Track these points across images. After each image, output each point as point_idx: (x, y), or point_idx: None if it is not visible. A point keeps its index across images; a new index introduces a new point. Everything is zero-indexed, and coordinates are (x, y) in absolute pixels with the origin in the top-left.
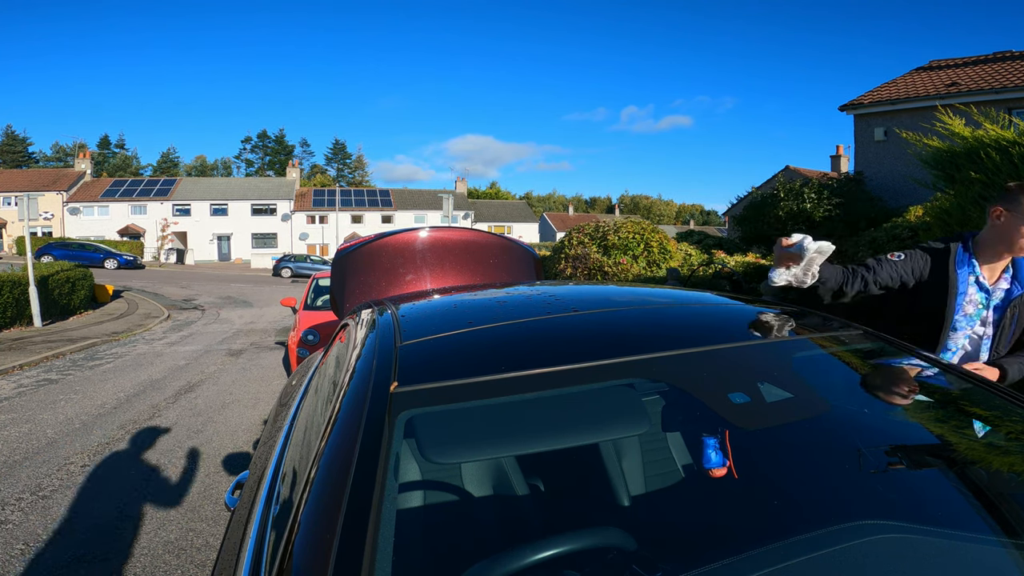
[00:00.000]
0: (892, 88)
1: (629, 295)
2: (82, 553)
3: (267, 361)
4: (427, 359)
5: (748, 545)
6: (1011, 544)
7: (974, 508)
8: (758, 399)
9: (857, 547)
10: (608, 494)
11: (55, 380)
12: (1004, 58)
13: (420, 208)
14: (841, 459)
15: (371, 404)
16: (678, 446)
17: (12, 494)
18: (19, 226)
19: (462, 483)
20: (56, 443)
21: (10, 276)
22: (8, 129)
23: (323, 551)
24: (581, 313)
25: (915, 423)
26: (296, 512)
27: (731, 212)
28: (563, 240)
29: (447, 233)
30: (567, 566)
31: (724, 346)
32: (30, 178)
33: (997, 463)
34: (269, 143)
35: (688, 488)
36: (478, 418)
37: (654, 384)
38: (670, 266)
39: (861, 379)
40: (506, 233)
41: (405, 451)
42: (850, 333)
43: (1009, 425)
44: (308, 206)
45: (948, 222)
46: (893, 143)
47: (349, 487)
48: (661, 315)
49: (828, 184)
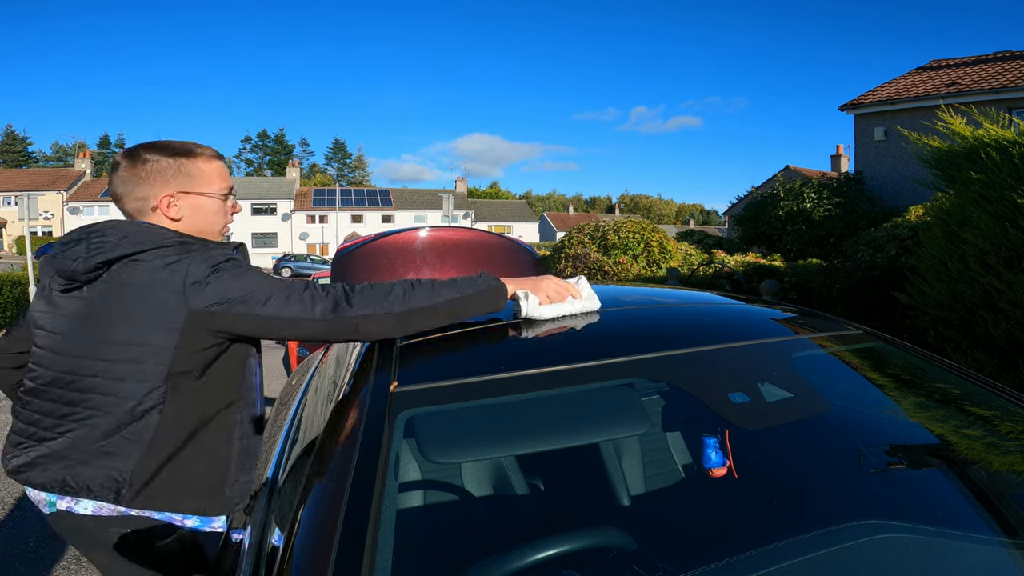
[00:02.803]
0: (892, 88)
1: (629, 295)
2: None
3: (267, 360)
4: (427, 359)
5: (748, 545)
6: (1011, 544)
7: (974, 508)
8: (758, 399)
9: (857, 547)
10: (608, 494)
11: None
12: (1004, 58)
13: (420, 208)
14: (841, 459)
15: (371, 404)
16: (678, 446)
17: (12, 494)
18: (19, 226)
19: (462, 483)
20: None
21: (10, 276)
22: (8, 129)
23: (323, 551)
24: (581, 313)
25: (915, 423)
26: (296, 512)
27: (731, 212)
28: (563, 240)
29: (447, 233)
30: (567, 566)
31: (724, 346)
32: (30, 178)
33: (997, 463)
34: (269, 143)
35: (688, 488)
36: (478, 418)
37: (654, 384)
38: (670, 266)
39: (861, 379)
40: (506, 233)
41: (405, 451)
42: (850, 333)
43: (1009, 425)
44: (308, 206)
45: (948, 222)
46: (893, 143)
47: (349, 487)
48: (661, 315)
49: (828, 184)
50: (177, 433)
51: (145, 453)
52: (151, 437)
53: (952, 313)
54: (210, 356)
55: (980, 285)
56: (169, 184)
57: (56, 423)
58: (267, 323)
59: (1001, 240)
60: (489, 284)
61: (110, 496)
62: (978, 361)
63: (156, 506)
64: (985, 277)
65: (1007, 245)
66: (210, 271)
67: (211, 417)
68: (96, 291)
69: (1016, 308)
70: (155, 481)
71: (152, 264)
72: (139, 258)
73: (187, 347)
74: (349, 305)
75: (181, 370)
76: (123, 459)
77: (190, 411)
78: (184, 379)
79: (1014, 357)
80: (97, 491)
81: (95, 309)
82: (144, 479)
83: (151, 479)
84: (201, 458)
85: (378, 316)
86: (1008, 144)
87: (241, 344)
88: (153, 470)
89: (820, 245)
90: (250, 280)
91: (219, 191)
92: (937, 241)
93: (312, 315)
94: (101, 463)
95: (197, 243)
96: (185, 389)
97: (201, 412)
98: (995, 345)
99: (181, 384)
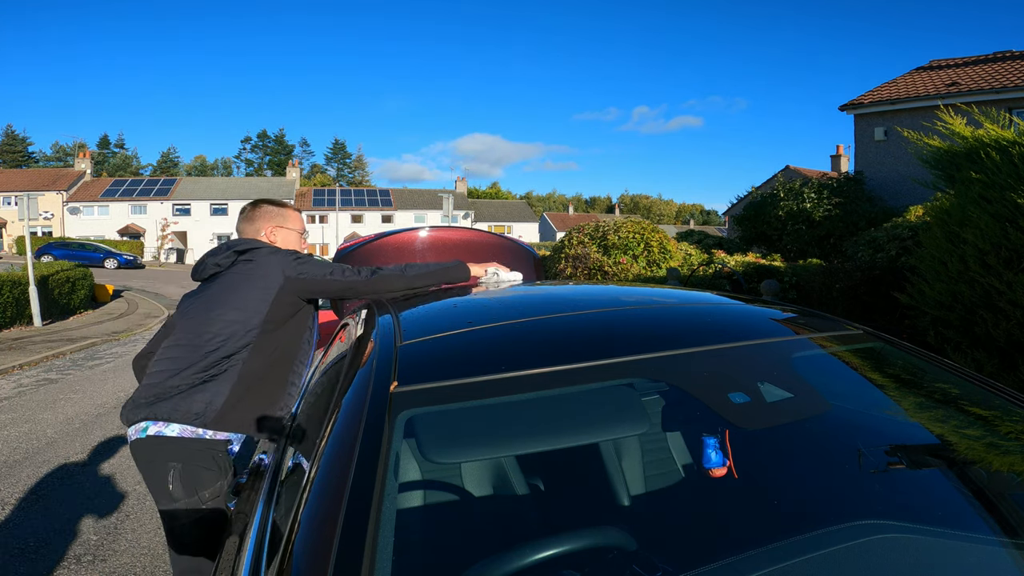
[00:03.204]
0: (892, 88)
1: (629, 295)
2: (82, 553)
3: None
4: (427, 359)
5: (748, 545)
6: (1011, 544)
7: (974, 508)
8: (758, 399)
9: (857, 547)
10: (608, 494)
11: (55, 380)
12: (1004, 58)
13: (420, 208)
14: (841, 459)
15: (371, 404)
16: (678, 446)
17: (12, 494)
18: (19, 226)
19: (462, 483)
20: (56, 443)
21: (10, 276)
22: (8, 129)
23: (323, 551)
24: (581, 313)
25: (915, 423)
26: (296, 512)
27: (731, 212)
28: (563, 240)
29: (447, 232)
30: (567, 566)
31: (724, 346)
32: (30, 178)
33: (997, 463)
34: (269, 143)
35: (688, 488)
36: (478, 418)
37: (654, 384)
38: (670, 266)
39: (861, 379)
40: (506, 233)
41: (405, 451)
42: (850, 333)
43: (1009, 425)
44: (308, 206)
45: (948, 222)
46: (893, 143)
47: (349, 487)
48: (661, 315)
49: (828, 184)
50: (256, 371)
51: (233, 386)
52: (240, 370)
53: (952, 313)
54: (288, 313)
55: (980, 285)
56: (271, 222)
57: (172, 369)
58: (330, 284)
59: (1001, 240)
60: (458, 263)
61: (198, 420)
62: (978, 361)
63: (227, 427)
64: (985, 277)
65: (1007, 245)
66: (295, 257)
67: (278, 360)
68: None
69: (1016, 308)
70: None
71: (263, 252)
72: (254, 254)
73: (277, 304)
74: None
75: (270, 321)
76: (220, 389)
77: (268, 355)
78: (270, 328)
79: (1014, 357)
80: (187, 418)
81: (220, 288)
82: (227, 406)
83: (233, 406)
84: (266, 395)
85: (395, 276)
86: (1008, 144)
87: (306, 310)
88: (236, 399)
89: (820, 245)
90: (316, 263)
91: (299, 229)
92: (937, 241)
93: (358, 277)
94: (203, 393)
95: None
96: (268, 336)
97: (273, 357)
98: (995, 345)
99: (266, 332)
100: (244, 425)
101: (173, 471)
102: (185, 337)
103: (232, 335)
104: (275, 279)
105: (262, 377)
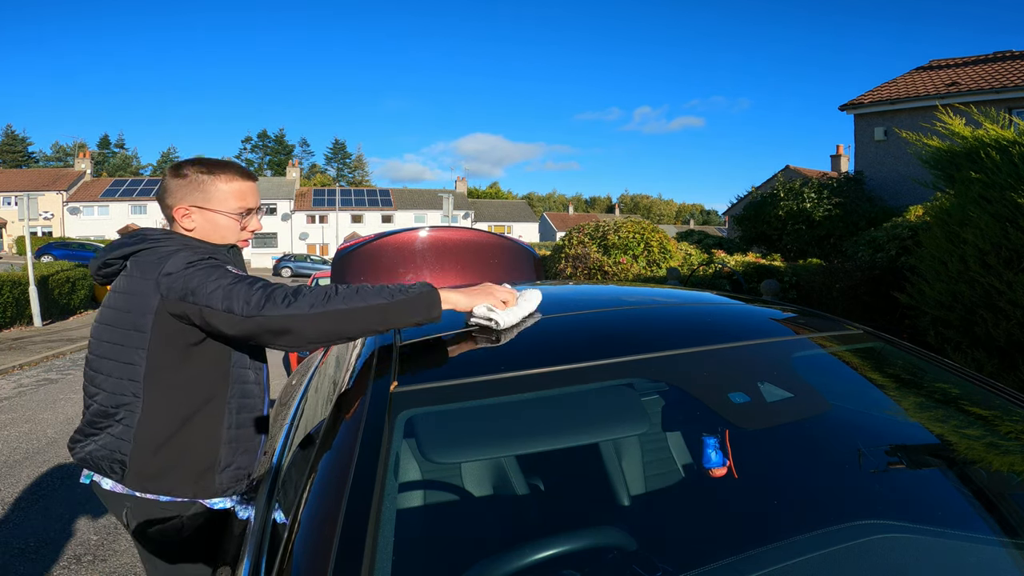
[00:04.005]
0: (892, 88)
1: (629, 294)
2: (82, 553)
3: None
4: (427, 359)
5: (748, 545)
6: (1011, 544)
7: (974, 508)
8: (758, 399)
9: (857, 547)
10: (608, 494)
11: (55, 380)
12: (1004, 58)
13: (420, 208)
14: (841, 459)
15: (371, 404)
16: (678, 446)
17: (12, 494)
18: (19, 226)
19: (462, 483)
20: (56, 443)
21: (10, 276)
22: (8, 129)
23: (323, 551)
24: (581, 313)
25: (915, 423)
26: (296, 512)
27: (731, 212)
28: (563, 240)
29: (447, 233)
30: (567, 566)
31: (724, 346)
32: (30, 178)
33: (997, 463)
34: (269, 143)
35: (688, 488)
36: (478, 418)
37: (654, 384)
38: (670, 266)
39: (861, 379)
40: (506, 233)
41: (405, 451)
42: (850, 333)
43: (1009, 425)
44: (308, 206)
45: (948, 222)
46: (893, 143)
47: (349, 487)
48: (661, 315)
49: (828, 184)
50: (166, 420)
51: (136, 437)
52: (139, 419)
53: (952, 313)
54: (187, 342)
55: (980, 285)
56: (185, 198)
57: (87, 402)
58: (203, 312)
59: (1001, 240)
60: (421, 291)
61: (117, 476)
62: (978, 361)
63: (153, 489)
64: (985, 277)
65: (1007, 245)
66: (186, 266)
67: (198, 408)
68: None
69: (1016, 308)
70: (150, 466)
71: (145, 259)
72: (138, 255)
73: (160, 331)
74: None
75: (160, 358)
76: (123, 442)
77: (176, 400)
78: (164, 366)
79: (1014, 357)
80: (107, 470)
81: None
82: (140, 463)
83: (146, 463)
84: (190, 447)
85: (298, 316)
86: (1008, 144)
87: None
88: (149, 454)
89: (820, 245)
90: (209, 275)
91: (232, 210)
92: (937, 241)
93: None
94: (110, 445)
95: (194, 243)
96: (166, 377)
97: (187, 402)
98: (995, 345)
99: (162, 371)
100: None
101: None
102: (89, 360)
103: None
104: (150, 298)
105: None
